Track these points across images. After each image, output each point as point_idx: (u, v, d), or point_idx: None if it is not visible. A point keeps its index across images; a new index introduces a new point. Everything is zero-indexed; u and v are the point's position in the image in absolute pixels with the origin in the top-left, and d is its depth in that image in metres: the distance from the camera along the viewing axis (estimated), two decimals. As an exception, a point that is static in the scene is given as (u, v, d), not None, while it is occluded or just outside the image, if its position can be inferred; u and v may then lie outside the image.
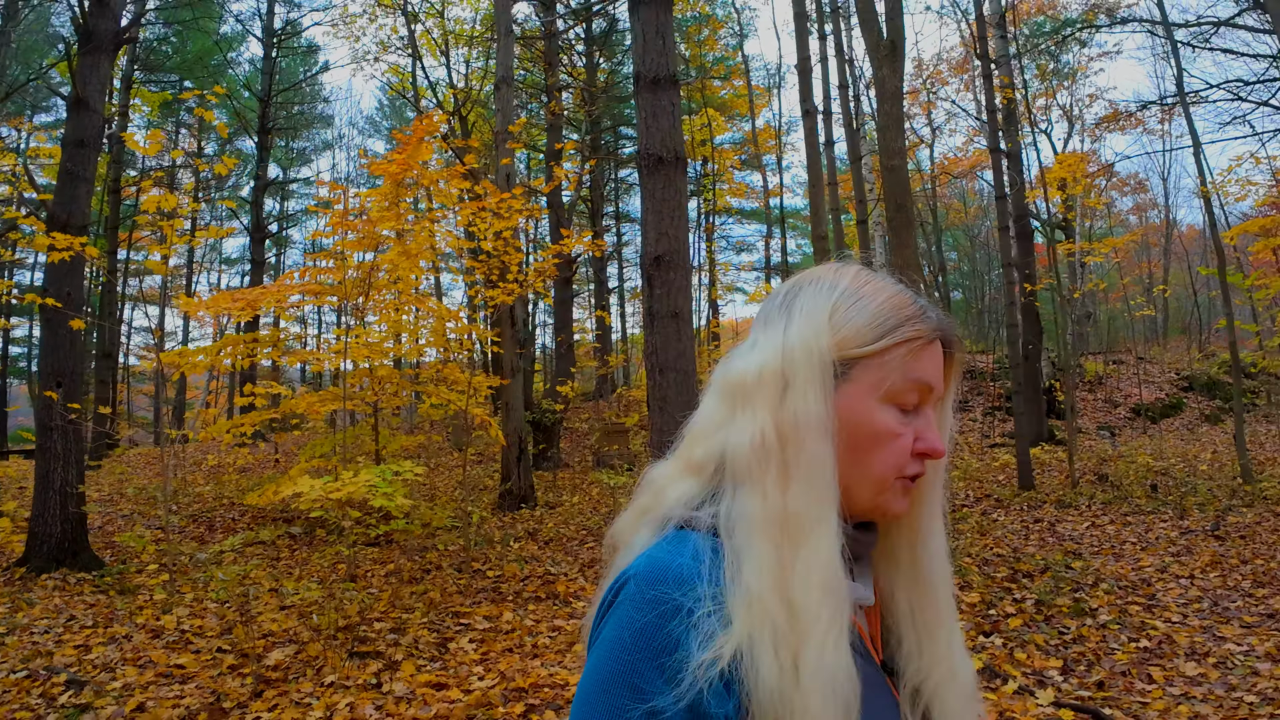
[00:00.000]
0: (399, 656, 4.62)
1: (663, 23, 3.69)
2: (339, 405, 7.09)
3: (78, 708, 4.10)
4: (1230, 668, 4.35)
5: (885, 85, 6.49)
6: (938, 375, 0.80)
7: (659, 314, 3.47)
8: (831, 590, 0.69)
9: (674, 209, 3.51)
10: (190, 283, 25.29)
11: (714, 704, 0.64)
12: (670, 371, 3.45)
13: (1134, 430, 18.29)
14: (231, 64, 21.47)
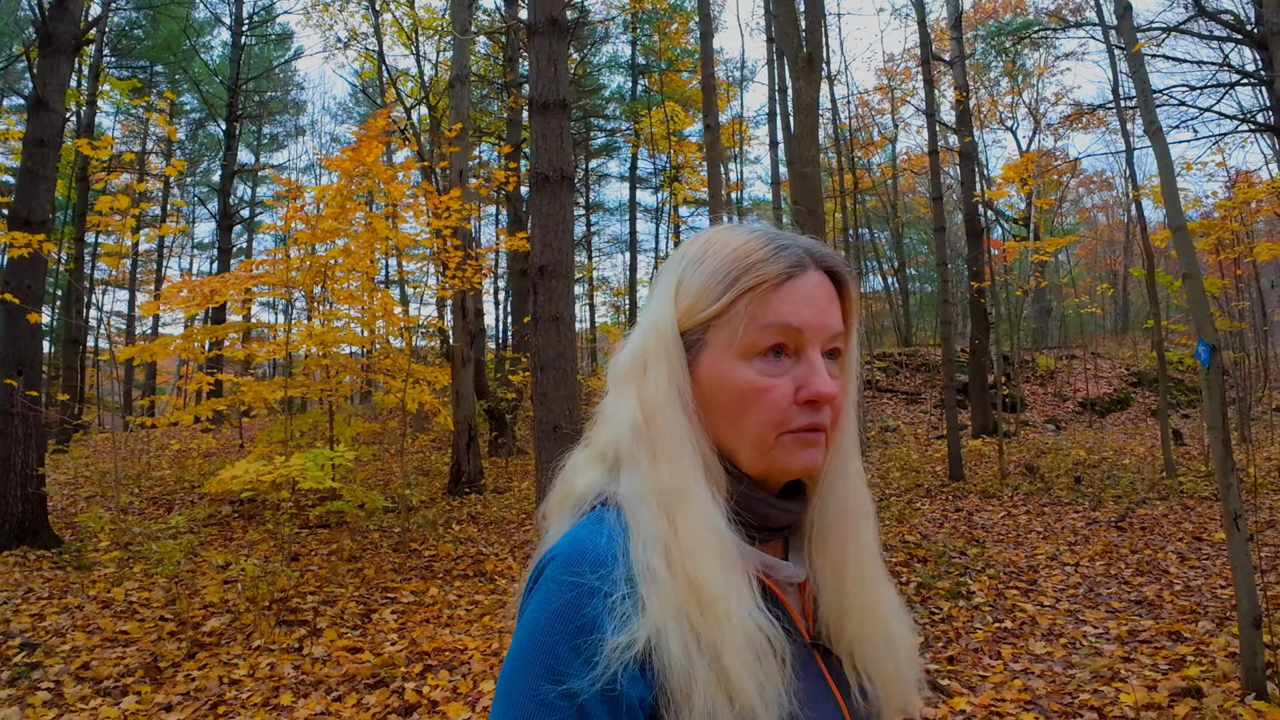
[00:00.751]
0: (323, 625, 5.07)
1: (555, 51, 4.11)
2: (283, 394, 7.48)
3: (29, 665, 4.53)
4: (1078, 648, 4.74)
5: (801, 96, 6.90)
6: (803, 313, 0.76)
7: (542, 318, 3.91)
8: (716, 555, 0.70)
9: (558, 224, 3.94)
10: (160, 267, 25.42)
11: (628, 686, 0.65)
12: (550, 369, 3.90)
13: (1080, 424, 18.76)
14: (203, 49, 21.60)
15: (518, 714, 0.65)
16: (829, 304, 0.79)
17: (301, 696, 3.98)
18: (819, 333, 0.76)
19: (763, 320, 0.75)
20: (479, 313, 10.88)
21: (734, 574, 0.71)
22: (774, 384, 0.75)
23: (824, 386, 0.74)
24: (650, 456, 0.74)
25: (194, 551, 6.76)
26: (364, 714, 3.73)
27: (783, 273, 0.76)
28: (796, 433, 0.75)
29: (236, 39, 19.34)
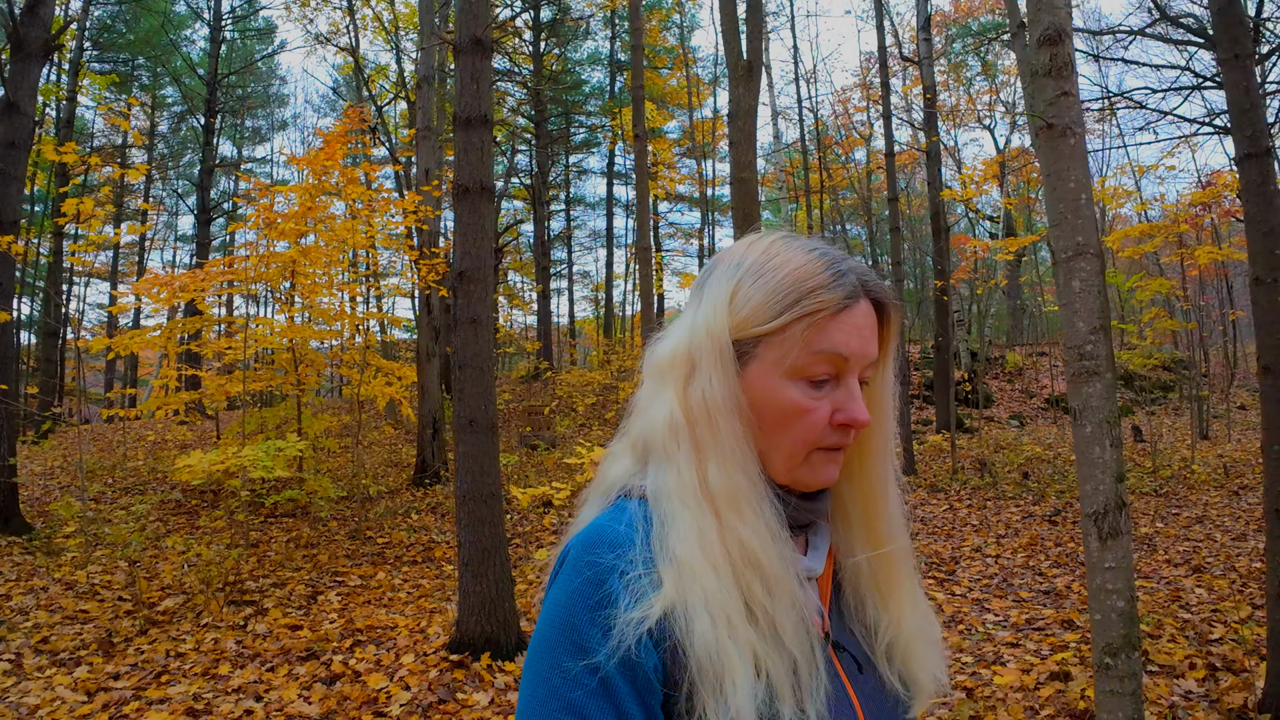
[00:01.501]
0: (270, 605, 5.42)
1: (479, 69, 4.43)
2: (241, 388, 7.80)
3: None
4: (973, 634, 5.04)
5: (740, 103, 7.19)
6: (852, 343, 0.79)
7: (461, 320, 4.25)
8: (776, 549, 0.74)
9: (478, 232, 4.27)
10: (142, 259, 25.61)
11: (643, 655, 0.68)
12: (468, 368, 4.24)
13: (1045, 420, 19.11)
14: (185, 43, 21.76)
15: (546, 689, 0.69)
16: (872, 334, 0.81)
17: (239, 667, 4.33)
18: (861, 361, 0.80)
19: (816, 346, 0.77)
20: (446, 309, 11.19)
21: (790, 567, 0.75)
22: (816, 406, 0.78)
23: (861, 414, 0.78)
24: (691, 456, 0.77)
25: (155, 537, 7.08)
26: (293, 683, 4.08)
27: (840, 302, 0.78)
28: (825, 450, 0.79)
29: (215, 35, 19.53)
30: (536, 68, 18.73)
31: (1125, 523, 1.98)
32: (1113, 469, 1.96)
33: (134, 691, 4.05)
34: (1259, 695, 3.65)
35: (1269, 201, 3.59)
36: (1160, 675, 4.08)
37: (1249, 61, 3.65)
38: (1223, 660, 4.22)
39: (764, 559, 0.73)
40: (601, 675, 0.68)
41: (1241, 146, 3.67)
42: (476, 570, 4.20)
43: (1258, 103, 3.64)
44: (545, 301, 18.15)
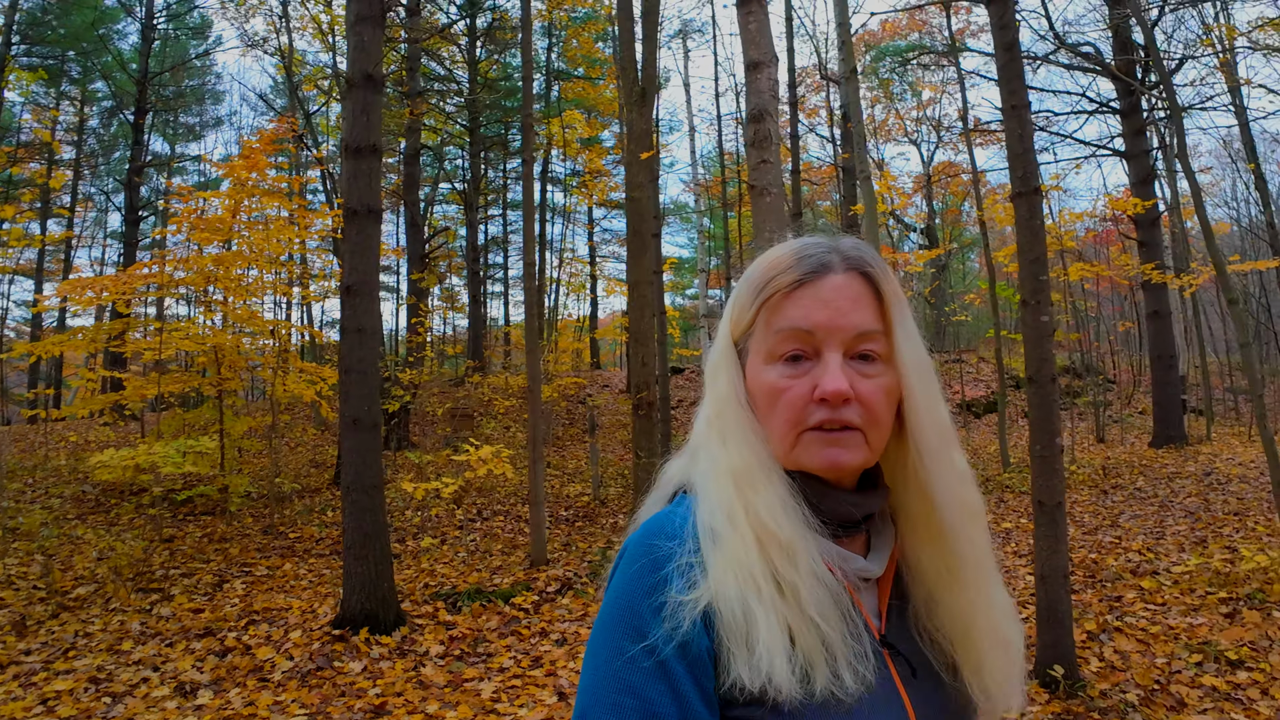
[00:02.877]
0: (176, 592, 5.82)
1: (369, 102, 4.93)
2: (156, 390, 8.12)
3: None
4: None
5: (633, 127, 7.77)
6: (814, 315, 0.79)
7: (348, 329, 4.74)
8: (787, 516, 0.77)
9: (365, 250, 4.77)
10: (69, 258, 25.22)
11: (696, 637, 0.72)
12: (354, 372, 4.74)
13: (956, 424, 19.99)
14: (117, 37, 21.55)
15: (608, 671, 0.72)
16: (852, 304, 0.80)
17: (141, 644, 4.75)
18: (835, 334, 0.79)
19: (776, 325, 0.80)
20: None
21: (806, 532, 0.77)
22: (791, 384, 0.79)
23: (831, 384, 0.76)
24: (720, 442, 0.82)
25: (73, 534, 7.38)
26: (189, 656, 4.53)
27: (796, 280, 0.80)
28: (816, 430, 0.78)
29: (146, 32, 19.48)
30: (472, 74, 19.10)
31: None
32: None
33: (43, 664, 4.46)
34: (1033, 665, 4.29)
35: (1035, 234, 4.26)
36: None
37: (1024, 112, 4.29)
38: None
39: (776, 528, 0.76)
40: (659, 657, 0.71)
41: (1015, 185, 4.32)
42: (359, 554, 4.69)
43: (1029, 148, 4.28)
44: (477, 306, 18.55)
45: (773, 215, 2.48)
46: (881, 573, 0.84)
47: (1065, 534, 3.99)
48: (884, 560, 0.85)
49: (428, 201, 21.53)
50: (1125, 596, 5.57)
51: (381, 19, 4.99)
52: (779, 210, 2.49)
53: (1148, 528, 7.86)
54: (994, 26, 4.01)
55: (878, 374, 0.81)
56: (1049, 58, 16.56)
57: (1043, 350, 4.09)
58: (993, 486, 10.60)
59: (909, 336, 0.82)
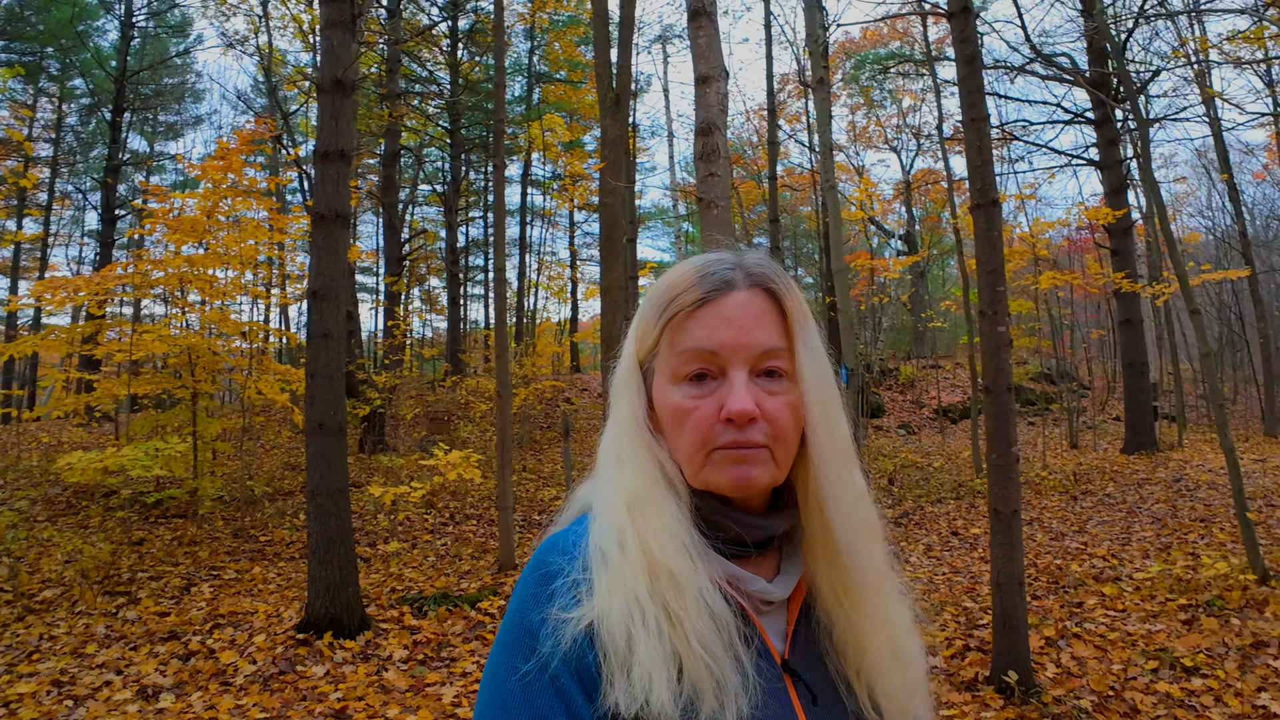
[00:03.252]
0: (143, 595, 5.79)
1: (338, 108, 4.94)
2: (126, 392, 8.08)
3: None
4: None
5: (607, 132, 7.78)
6: (718, 335, 0.79)
7: (314, 334, 4.75)
8: (678, 545, 0.76)
9: (331, 256, 4.78)
10: (45, 256, 24.94)
11: (583, 651, 0.73)
12: (320, 377, 4.75)
13: (933, 430, 20.15)
14: (98, 34, 21.38)
15: (502, 687, 0.74)
16: (755, 322, 0.80)
17: (105, 647, 4.74)
18: (739, 352, 0.78)
19: (680, 346, 0.80)
20: (349, 315, 11.53)
21: (696, 563, 0.76)
22: (697, 405, 0.79)
23: (736, 404, 0.76)
24: (617, 465, 0.83)
25: (43, 536, 7.32)
26: (153, 660, 4.52)
27: (698, 299, 0.80)
28: (725, 449, 0.77)
29: (125, 31, 19.35)
30: (453, 76, 19.09)
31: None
32: None
33: (6, 667, 4.44)
34: (989, 671, 4.36)
35: (993, 245, 4.33)
36: (917, 650, 4.81)
37: (983, 125, 4.35)
38: (980, 642, 4.97)
39: (663, 556, 0.75)
40: (550, 672, 0.72)
41: (974, 197, 4.38)
42: (323, 558, 4.70)
43: (988, 160, 4.34)
44: (456, 308, 18.52)
45: (720, 227, 2.52)
46: (787, 595, 0.83)
47: (1020, 541, 4.06)
48: (791, 582, 0.84)
49: (407, 203, 21.48)
50: (1086, 603, 5.65)
51: (352, 24, 5.00)
52: (726, 222, 2.53)
53: (1114, 534, 7.97)
54: (955, 40, 4.08)
55: (783, 391, 0.80)
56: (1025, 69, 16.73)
57: (1000, 360, 4.16)
58: (964, 492, 10.69)
59: (811, 353, 0.82)
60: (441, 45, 19.14)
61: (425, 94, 16.96)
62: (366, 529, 8.25)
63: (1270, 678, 4.30)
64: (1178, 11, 12.51)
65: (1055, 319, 17.54)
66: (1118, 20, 13.66)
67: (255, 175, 12.47)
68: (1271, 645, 4.71)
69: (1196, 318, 6.40)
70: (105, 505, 7.87)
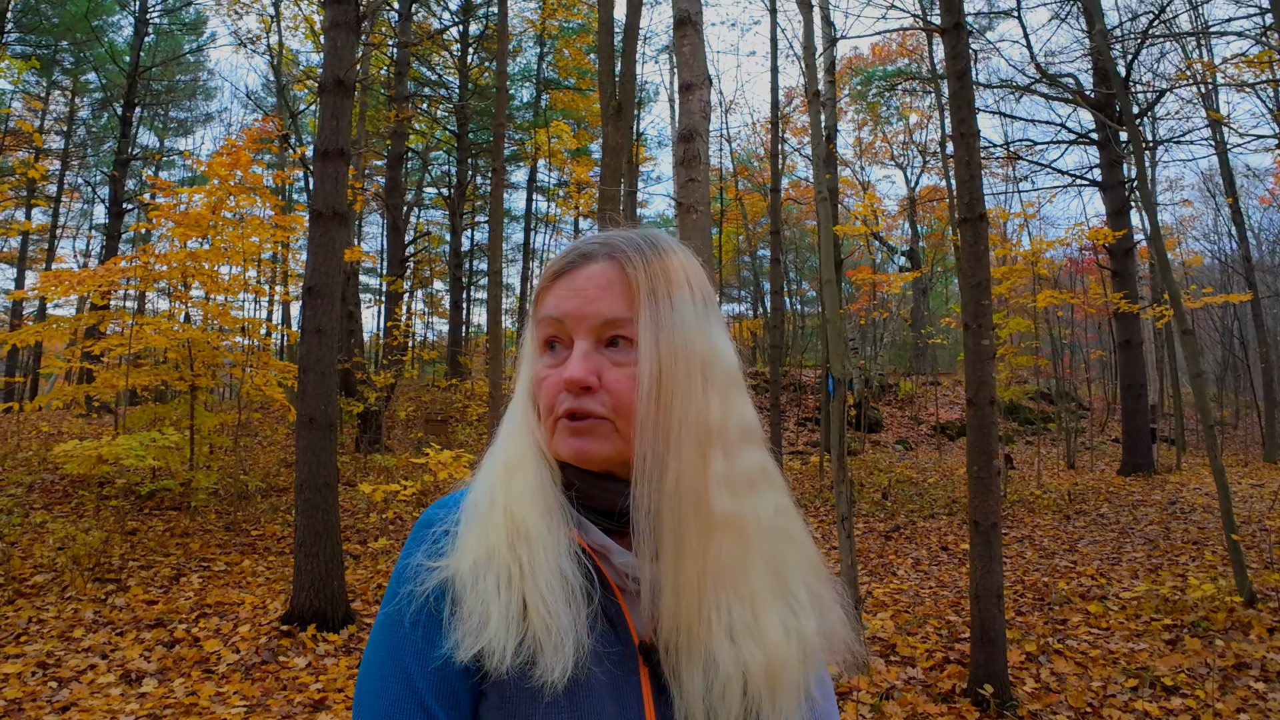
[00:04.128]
0: (133, 583, 5.84)
1: (339, 108, 5.02)
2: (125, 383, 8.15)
3: None
4: None
5: (608, 140, 7.84)
6: (565, 304, 0.80)
7: (308, 329, 4.81)
8: (540, 506, 0.78)
9: (328, 253, 4.84)
10: (53, 247, 25.11)
11: (438, 598, 0.76)
12: (312, 372, 4.80)
13: (930, 446, 20.15)
14: (112, 29, 21.58)
15: (379, 628, 0.78)
16: (601, 292, 0.79)
17: (92, 632, 4.78)
18: (582, 321, 0.79)
19: (538, 316, 0.83)
20: (349, 314, 11.60)
21: (555, 523, 0.78)
22: (549, 373, 0.81)
23: (568, 371, 0.77)
24: (504, 436, 0.85)
25: (37, 521, 7.37)
26: (138, 646, 4.56)
27: (555, 271, 0.82)
28: (565, 419, 0.79)
29: (140, 26, 19.53)
30: (463, 81, 19.22)
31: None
32: None
33: (-10, 649, 4.48)
34: (966, 684, 4.39)
35: (979, 259, 4.37)
36: (897, 665, 4.84)
37: (972, 140, 4.39)
38: (960, 655, 5.00)
39: (522, 514, 0.77)
40: (408, 616, 0.76)
41: (961, 211, 4.42)
42: (309, 551, 4.74)
43: (977, 174, 4.39)
44: (458, 311, 18.59)
45: (698, 232, 2.57)
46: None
47: (999, 554, 4.09)
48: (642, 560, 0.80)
49: (412, 205, 21.60)
50: (1071, 620, 5.67)
51: (356, 26, 5.08)
52: (705, 228, 2.57)
53: (1105, 554, 7.98)
54: (947, 55, 4.14)
55: (629, 362, 0.79)
56: (1030, 88, 16.77)
57: (983, 373, 4.20)
58: (957, 508, 10.71)
59: (658, 324, 0.79)
60: (452, 50, 19.28)
61: (434, 98, 17.06)
62: (357, 526, 8.29)
63: (1251, 699, 4.31)
64: (1183, 33, 12.57)
65: (1056, 339, 17.56)
66: (1123, 41, 13.73)
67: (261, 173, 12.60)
68: (1254, 667, 4.72)
69: (1188, 338, 6.43)
70: (100, 494, 7.91)
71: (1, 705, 3.83)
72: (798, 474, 14.28)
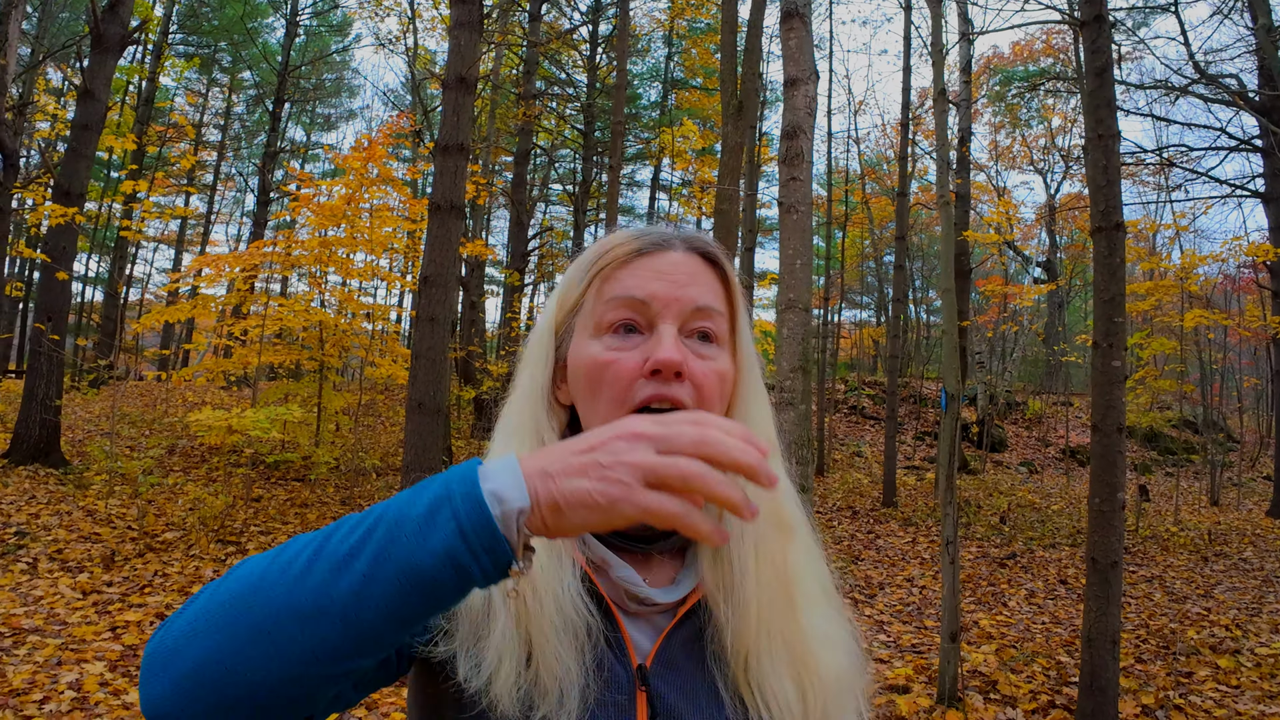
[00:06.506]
0: (252, 547, 6.21)
1: (460, 104, 5.16)
2: (257, 361, 8.70)
3: (18, 545, 5.79)
4: None
5: (727, 139, 7.76)
6: (650, 285, 0.74)
7: (422, 317, 4.96)
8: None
9: (444, 244, 4.98)
10: (207, 231, 27.13)
11: None
12: (423, 358, 4.94)
13: (1057, 470, 19.03)
14: (266, 30, 23.21)
15: None
16: (691, 279, 0.75)
17: (209, 592, 5.11)
18: (671, 305, 0.73)
19: (608, 294, 0.75)
20: (472, 304, 11.99)
21: (554, 556, 0.71)
22: (618, 357, 0.73)
23: (664, 353, 0.70)
24: (505, 437, 0.78)
25: (173, 482, 7.97)
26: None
27: (633, 251, 0.76)
28: (640, 408, 0.71)
29: (290, 29, 20.83)
30: (591, 80, 19.51)
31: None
32: (795, 483, 2.47)
33: (120, 596, 4.86)
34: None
35: (1113, 273, 4.04)
36: (996, 703, 4.56)
37: (1112, 143, 4.07)
38: (1067, 700, 4.66)
39: None
40: None
41: (1095, 219, 4.09)
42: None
43: (1114, 180, 4.04)
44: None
45: (798, 233, 2.47)
46: (672, 600, 0.76)
47: (1119, 596, 3.78)
48: (684, 589, 0.77)
49: (535, 201, 22.10)
50: (1197, 674, 5.20)
51: (479, 25, 5.21)
52: (805, 228, 2.47)
53: (1244, 602, 7.31)
54: (1086, 51, 3.85)
55: (713, 356, 0.75)
56: (1187, 90, 15.57)
57: (1111, 397, 3.89)
58: (1081, 540, 10.05)
59: (747, 326, 0.80)
60: (581, 49, 19.60)
61: (561, 96, 17.40)
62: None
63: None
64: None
65: (1205, 363, 16.22)
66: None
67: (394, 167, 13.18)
68: None
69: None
70: (231, 461, 8.46)
71: (119, 649, 4.13)
72: (911, 490, 13.77)
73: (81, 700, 3.64)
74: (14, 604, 4.71)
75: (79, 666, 3.95)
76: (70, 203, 8.18)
